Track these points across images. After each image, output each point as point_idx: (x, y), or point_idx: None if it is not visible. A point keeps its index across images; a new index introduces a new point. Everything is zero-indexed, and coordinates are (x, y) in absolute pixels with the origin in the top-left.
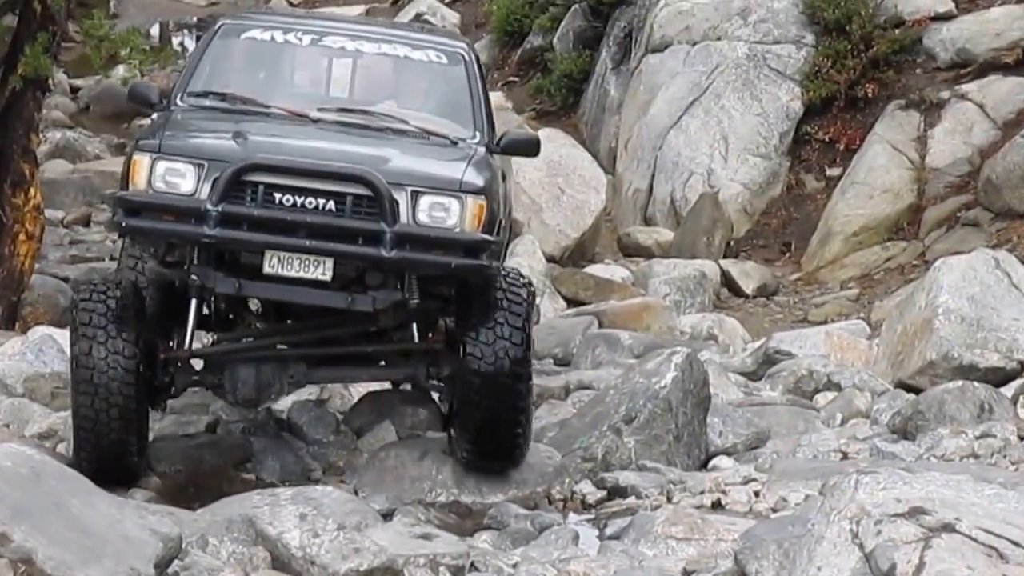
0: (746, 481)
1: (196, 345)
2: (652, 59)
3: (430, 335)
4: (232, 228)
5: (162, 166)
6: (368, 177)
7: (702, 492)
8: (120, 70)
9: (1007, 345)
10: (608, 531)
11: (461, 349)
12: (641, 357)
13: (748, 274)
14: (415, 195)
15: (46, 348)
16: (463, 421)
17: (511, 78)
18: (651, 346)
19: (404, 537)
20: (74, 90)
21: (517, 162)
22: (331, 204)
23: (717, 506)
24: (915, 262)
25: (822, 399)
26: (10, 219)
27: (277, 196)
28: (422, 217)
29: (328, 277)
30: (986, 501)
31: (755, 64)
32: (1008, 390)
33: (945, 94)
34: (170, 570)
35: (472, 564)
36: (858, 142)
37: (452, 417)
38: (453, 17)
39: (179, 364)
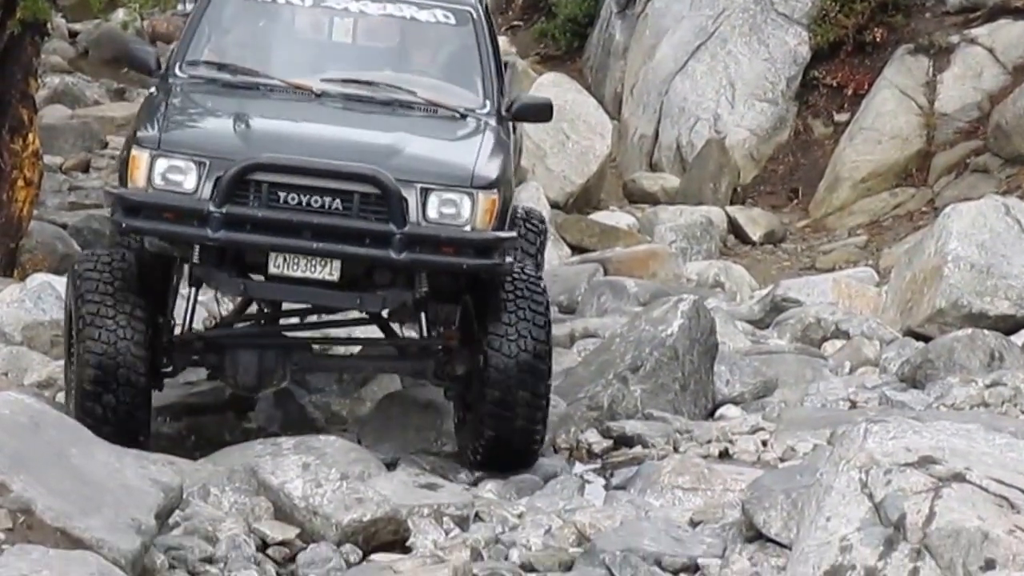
0: (754, 430)
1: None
2: (658, 3)
3: (442, 330)
4: (236, 230)
5: (162, 163)
6: (377, 176)
7: (709, 441)
8: (119, 14)
9: (1017, 292)
10: (614, 481)
11: (479, 346)
12: (647, 305)
13: (755, 221)
14: (424, 192)
15: (45, 295)
16: (478, 421)
17: (515, 22)
18: (657, 294)
19: (408, 487)
20: (73, 34)
21: None
22: (338, 203)
23: (724, 456)
24: (924, 209)
25: (830, 347)
26: (8, 165)
27: (281, 195)
28: (432, 214)
29: (335, 277)
30: (997, 450)
31: (762, 8)
32: (1018, 338)
33: (954, 38)
34: (171, 520)
35: (477, 514)
36: (866, 87)
37: (464, 417)
38: None
39: (179, 344)
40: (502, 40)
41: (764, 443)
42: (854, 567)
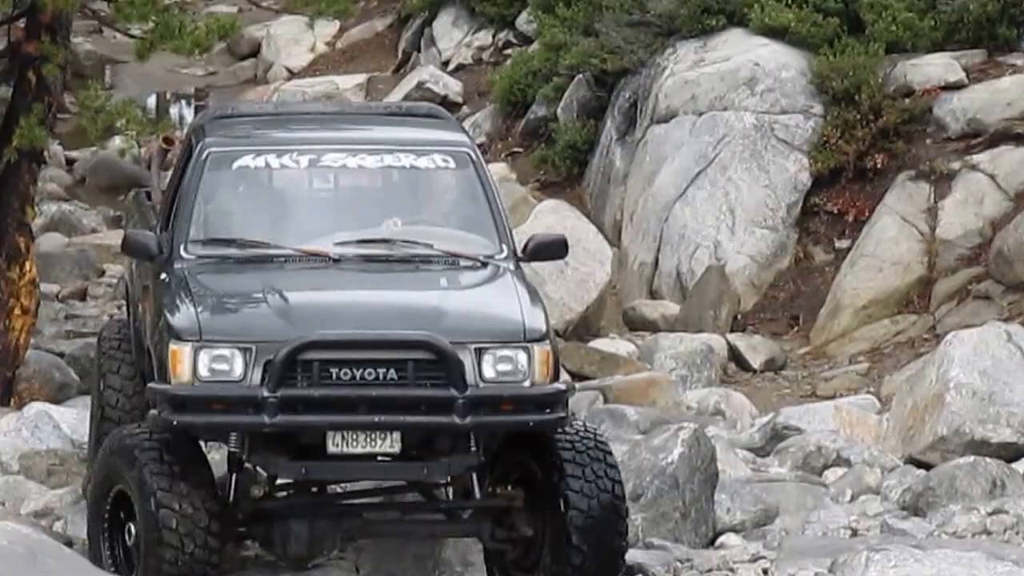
0: (754, 559)
1: None
2: (657, 129)
3: (498, 490)
4: (291, 413)
5: (207, 355)
6: (432, 342)
7: (710, 570)
8: (116, 141)
9: (1019, 420)
10: None
11: (551, 502)
12: (647, 433)
13: (755, 348)
14: (479, 352)
15: (42, 424)
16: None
17: (515, 149)
18: (657, 421)
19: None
20: (70, 162)
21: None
22: (392, 372)
23: None
24: (925, 335)
25: (831, 475)
26: (5, 293)
27: (334, 371)
28: (488, 373)
29: (396, 449)
30: None
31: (762, 135)
32: (1020, 466)
33: (956, 165)
34: None
35: None
36: (867, 213)
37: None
38: (456, 86)
39: (225, 516)
40: (502, 167)
41: (765, 572)
42: None
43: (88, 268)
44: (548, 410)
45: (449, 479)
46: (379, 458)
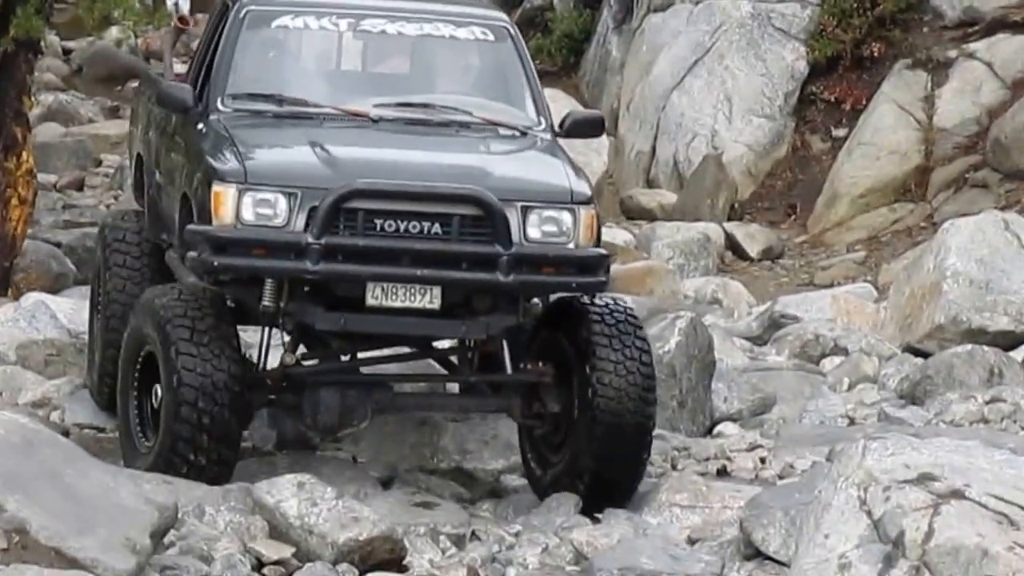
0: (752, 447)
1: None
2: (654, 18)
3: (528, 365)
4: (334, 261)
5: (251, 197)
6: (481, 197)
7: (707, 459)
8: (113, 31)
9: (1017, 308)
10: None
11: (581, 381)
12: (644, 322)
13: (753, 237)
14: (525, 211)
15: (39, 314)
16: (576, 458)
17: None
18: (654, 311)
19: (404, 506)
20: (66, 52)
21: None
22: (437, 227)
23: (722, 473)
24: (923, 224)
25: (829, 364)
26: (2, 184)
27: (378, 223)
28: (533, 233)
29: (436, 305)
30: (996, 467)
31: (759, 23)
32: (1018, 354)
33: (953, 53)
34: (166, 540)
35: (473, 533)
36: (864, 102)
37: (544, 455)
38: None
39: (256, 381)
40: None
41: (762, 460)
42: None
43: (85, 158)
44: (591, 273)
45: (485, 339)
46: (417, 314)
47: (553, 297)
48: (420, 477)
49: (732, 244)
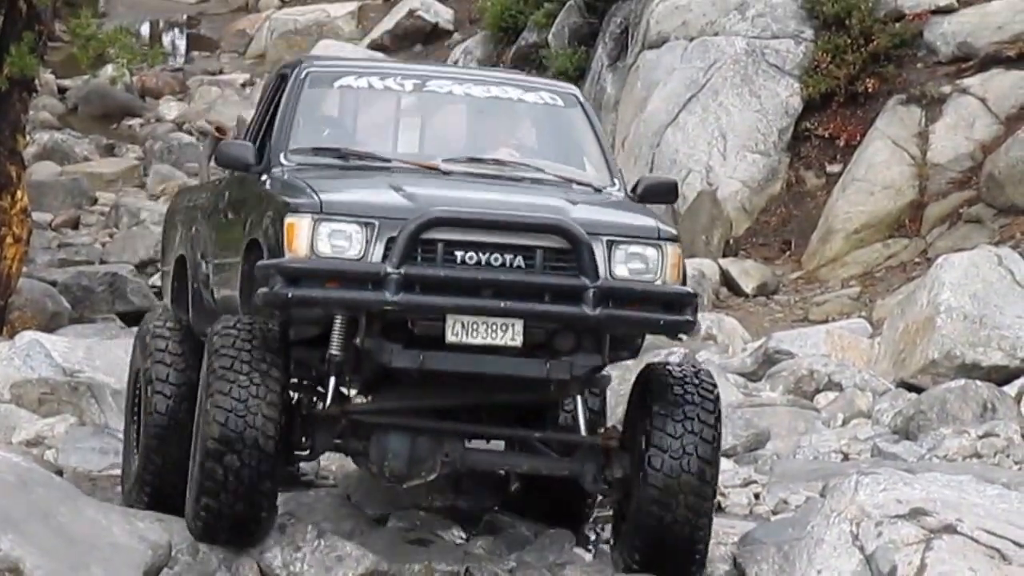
0: (746, 483)
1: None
2: (649, 55)
3: (602, 429)
4: (414, 292)
5: (326, 228)
6: (567, 227)
7: None
8: (108, 69)
9: (1010, 343)
10: (604, 535)
11: (641, 446)
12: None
13: (748, 273)
14: (611, 245)
15: (33, 353)
16: (635, 529)
17: None
18: (648, 347)
19: (399, 543)
20: (62, 90)
21: None
22: (520, 259)
23: (716, 509)
24: (917, 259)
25: (823, 399)
26: None
27: (459, 254)
28: (619, 270)
29: (519, 343)
30: (988, 501)
31: (753, 59)
32: (1011, 389)
33: (946, 88)
34: None
35: (467, 570)
36: (858, 138)
37: (620, 523)
38: (446, 13)
39: (321, 423)
40: None
41: (756, 496)
42: None
43: (81, 196)
44: (678, 312)
45: (571, 378)
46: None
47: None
48: (415, 514)
49: (727, 280)
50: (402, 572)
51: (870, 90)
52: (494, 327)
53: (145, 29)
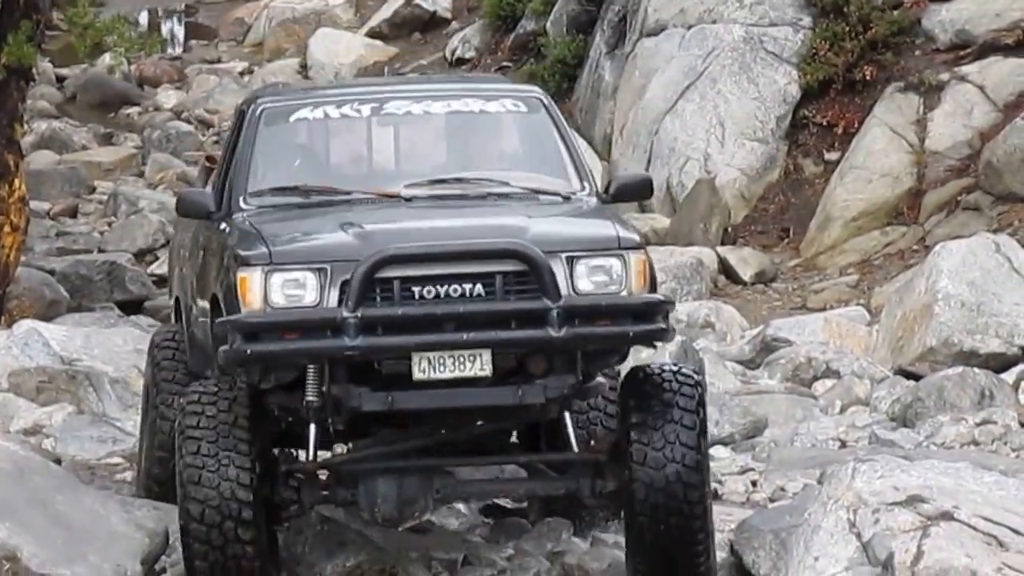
0: (743, 471)
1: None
2: (647, 43)
3: (591, 443)
4: (374, 334)
5: (278, 278)
6: (521, 250)
7: None
8: (106, 58)
9: (1008, 330)
10: (603, 524)
11: (627, 469)
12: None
13: (746, 260)
14: (571, 260)
15: (32, 342)
16: (633, 541)
17: (504, 63)
18: None
19: (397, 531)
20: (60, 79)
21: None
22: (479, 287)
23: (714, 496)
24: (915, 247)
25: (821, 387)
26: None
27: (416, 289)
28: (582, 285)
29: (488, 372)
30: (985, 488)
31: (751, 47)
32: (1009, 376)
33: (945, 76)
34: (157, 566)
35: (466, 558)
36: (857, 125)
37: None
38: (445, 1)
39: (304, 478)
40: None
41: (754, 483)
42: None
43: (79, 185)
44: (648, 321)
45: (544, 403)
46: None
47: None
48: None
49: (725, 268)
50: (401, 559)
51: (868, 78)
52: (461, 359)
53: (143, 17)
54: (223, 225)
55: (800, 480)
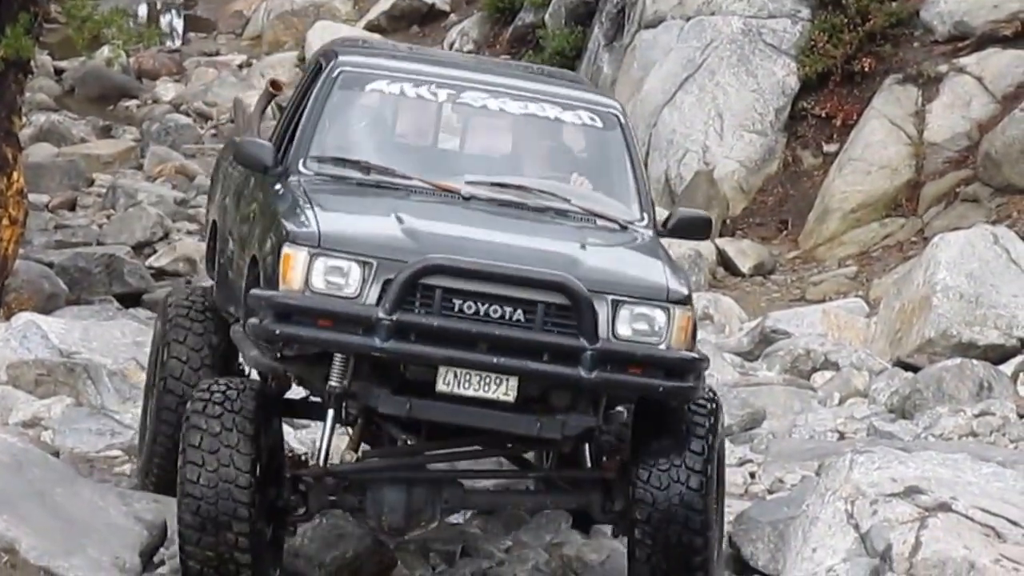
0: (741, 462)
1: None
2: (645, 35)
3: (604, 460)
4: (405, 340)
5: (322, 263)
6: (569, 285)
7: None
8: (104, 50)
9: (1006, 322)
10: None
11: (631, 487)
12: None
13: (744, 252)
14: (616, 304)
15: (30, 334)
16: (633, 559)
17: (503, 56)
18: None
19: None
20: (58, 72)
21: None
22: (519, 314)
23: None
24: (914, 239)
25: (819, 378)
26: None
27: (457, 303)
28: (622, 330)
29: (512, 398)
30: (983, 480)
31: (750, 39)
32: (1007, 367)
33: (943, 68)
34: (156, 558)
35: (464, 549)
36: (855, 117)
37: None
38: None
39: (312, 483)
40: None
41: (752, 475)
42: None
43: (77, 178)
44: (680, 378)
45: (562, 438)
46: (490, 406)
47: None
48: None
49: (724, 260)
50: (400, 551)
51: (867, 69)
52: (488, 380)
53: (142, 10)
54: (278, 186)
55: (798, 472)
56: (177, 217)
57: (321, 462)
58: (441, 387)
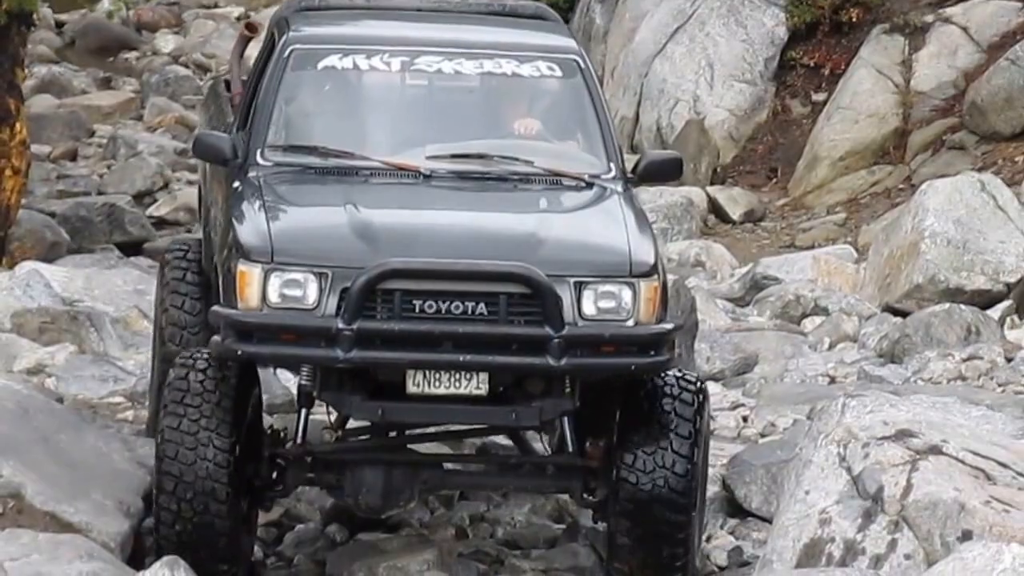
0: (734, 406)
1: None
2: None
3: (588, 445)
4: (369, 348)
5: (278, 279)
6: (528, 275)
7: None
8: (105, 3)
9: (993, 267)
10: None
11: (615, 471)
12: None
13: (735, 200)
14: (579, 286)
15: (33, 283)
16: (614, 550)
17: None
18: None
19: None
20: (59, 24)
21: None
22: (482, 307)
23: None
24: (901, 186)
25: (809, 324)
26: None
27: (417, 304)
28: (588, 311)
29: (484, 391)
30: (973, 423)
31: None
32: (995, 312)
33: (929, 17)
34: None
35: (461, 493)
36: (843, 67)
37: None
38: None
39: (290, 461)
40: None
41: (744, 419)
42: (833, 539)
43: (79, 129)
44: (652, 352)
45: (540, 424)
46: (463, 401)
47: None
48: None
49: (715, 207)
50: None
51: (854, 19)
52: (457, 376)
53: None
54: (236, 183)
55: (790, 416)
56: (177, 167)
57: (299, 440)
58: (412, 389)
